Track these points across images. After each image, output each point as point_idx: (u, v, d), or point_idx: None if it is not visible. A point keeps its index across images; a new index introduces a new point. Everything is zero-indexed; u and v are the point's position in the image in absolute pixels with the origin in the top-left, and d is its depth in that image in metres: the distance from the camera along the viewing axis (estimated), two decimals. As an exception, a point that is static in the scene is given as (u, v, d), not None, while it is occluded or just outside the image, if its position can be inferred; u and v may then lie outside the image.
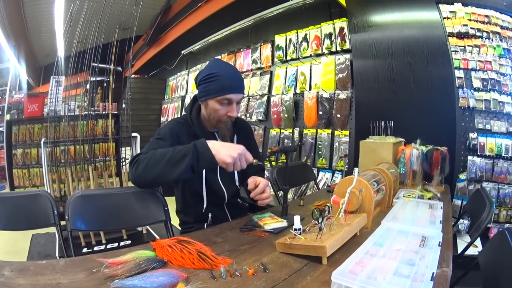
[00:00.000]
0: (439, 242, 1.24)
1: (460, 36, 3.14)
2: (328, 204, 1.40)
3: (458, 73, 3.06)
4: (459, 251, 2.17)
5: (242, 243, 1.40)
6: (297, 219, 1.34)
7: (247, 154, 1.50)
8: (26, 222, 1.84)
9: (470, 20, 3.17)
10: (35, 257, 3.90)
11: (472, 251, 2.20)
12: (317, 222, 1.29)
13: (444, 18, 3.14)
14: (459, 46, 3.11)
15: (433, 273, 0.98)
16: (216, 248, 1.29)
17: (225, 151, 1.45)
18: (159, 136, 1.74)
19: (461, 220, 2.84)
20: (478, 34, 3.18)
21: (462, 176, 3.02)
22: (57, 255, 3.73)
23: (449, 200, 2.39)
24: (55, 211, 1.81)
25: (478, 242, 2.45)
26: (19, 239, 4.24)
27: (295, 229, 1.32)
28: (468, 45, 3.12)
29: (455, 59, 3.06)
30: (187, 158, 1.46)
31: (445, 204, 1.92)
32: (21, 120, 5.74)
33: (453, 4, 3.24)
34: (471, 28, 3.15)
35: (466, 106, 3.02)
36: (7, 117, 5.87)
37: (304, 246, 1.22)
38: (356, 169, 1.57)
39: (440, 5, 3.22)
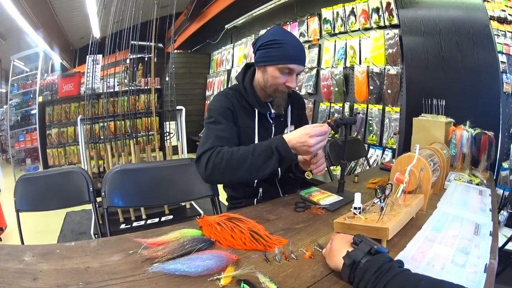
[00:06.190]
0: (490, 231, 1.20)
1: (500, 20, 3.02)
2: (390, 183, 1.30)
3: (502, 58, 2.94)
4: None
5: (297, 221, 1.32)
6: (357, 197, 1.25)
7: (313, 131, 1.39)
8: (58, 201, 1.83)
9: (507, 6, 3.06)
10: (68, 236, 3.91)
11: (509, 246, 2.16)
12: (377, 201, 1.22)
13: (485, 1, 3.02)
14: (500, 30, 2.99)
15: (486, 264, 0.95)
16: (269, 227, 1.23)
17: (302, 147, 1.39)
18: (212, 118, 1.66)
19: (501, 211, 2.72)
20: (515, 21, 3.08)
21: (505, 165, 2.90)
22: (91, 232, 3.70)
23: (494, 188, 2.26)
24: (91, 188, 1.78)
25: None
26: (53, 218, 4.19)
27: (355, 208, 1.24)
28: (508, 31, 3.01)
29: (498, 43, 2.94)
30: (271, 164, 1.42)
31: (491, 192, 1.83)
32: (56, 101, 5.88)
33: (490, -12, 3.15)
34: (509, 14, 3.04)
35: (510, 92, 2.90)
36: (40, 99, 6.05)
37: (365, 227, 1.14)
38: (417, 146, 1.46)
39: (480, -13, 3.14)
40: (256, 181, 1.79)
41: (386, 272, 0.77)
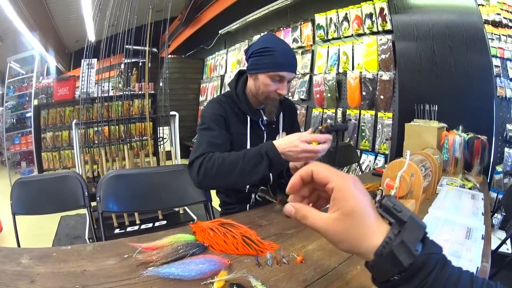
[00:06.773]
0: (482, 235, 1.21)
1: (495, 24, 3.03)
2: (381, 188, 1.32)
3: (495, 62, 2.95)
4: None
5: (289, 226, 1.32)
6: None
7: (305, 136, 1.37)
8: (53, 205, 1.83)
9: (502, 9, 3.06)
10: (62, 240, 3.91)
11: (503, 248, 2.15)
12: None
13: (479, 5, 3.03)
14: (494, 34, 3.00)
15: (477, 267, 0.97)
16: (261, 232, 1.23)
17: (291, 151, 1.37)
18: (205, 125, 1.67)
19: (495, 214, 2.74)
20: (511, 24, 3.06)
21: (499, 168, 2.91)
22: (86, 237, 3.70)
23: (487, 192, 2.29)
24: (86, 193, 1.79)
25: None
26: (47, 221, 4.21)
27: None
28: (502, 34, 3.02)
29: (492, 47, 2.96)
30: (261, 169, 1.44)
31: (484, 195, 1.84)
32: (51, 104, 5.88)
33: (485, -8, 3.15)
34: (504, 18, 3.04)
35: (504, 96, 2.91)
36: (35, 102, 6.03)
37: (355, 232, 1.15)
38: (408, 152, 1.48)
39: (474, -9, 3.14)
40: (248, 186, 1.79)
41: (442, 269, 0.56)
